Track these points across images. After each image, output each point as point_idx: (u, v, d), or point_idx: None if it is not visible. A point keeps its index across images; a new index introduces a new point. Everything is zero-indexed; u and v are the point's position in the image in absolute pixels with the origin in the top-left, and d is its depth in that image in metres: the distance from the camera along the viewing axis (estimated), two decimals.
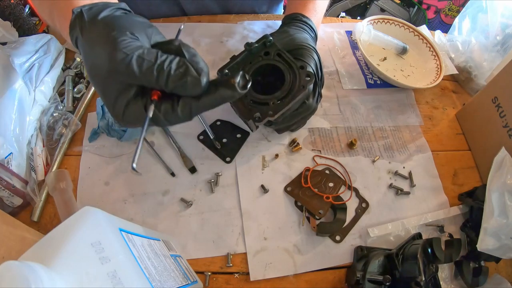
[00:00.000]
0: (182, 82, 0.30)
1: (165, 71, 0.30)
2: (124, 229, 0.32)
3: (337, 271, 0.48)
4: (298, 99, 0.44)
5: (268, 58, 0.47)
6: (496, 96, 0.54)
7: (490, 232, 0.44)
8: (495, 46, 0.64)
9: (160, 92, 0.32)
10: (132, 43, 0.31)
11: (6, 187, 0.46)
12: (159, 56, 0.30)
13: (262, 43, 0.47)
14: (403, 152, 0.59)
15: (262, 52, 0.47)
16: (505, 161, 0.47)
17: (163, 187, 0.52)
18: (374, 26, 0.69)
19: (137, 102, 0.32)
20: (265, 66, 0.47)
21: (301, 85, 0.44)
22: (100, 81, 0.32)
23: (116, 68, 0.30)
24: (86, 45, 0.32)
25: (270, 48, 0.47)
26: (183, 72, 0.30)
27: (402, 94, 0.66)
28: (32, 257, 0.24)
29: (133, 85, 0.32)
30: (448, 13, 1.60)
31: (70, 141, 0.56)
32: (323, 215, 0.49)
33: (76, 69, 0.64)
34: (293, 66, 0.45)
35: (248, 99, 0.45)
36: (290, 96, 0.44)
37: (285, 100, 0.44)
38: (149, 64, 0.30)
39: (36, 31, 0.76)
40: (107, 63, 0.30)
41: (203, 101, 0.32)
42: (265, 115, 0.43)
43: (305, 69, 0.44)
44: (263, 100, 0.44)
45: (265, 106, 0.44)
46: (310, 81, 0.44)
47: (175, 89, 0.31)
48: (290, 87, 0.44)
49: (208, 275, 0.46)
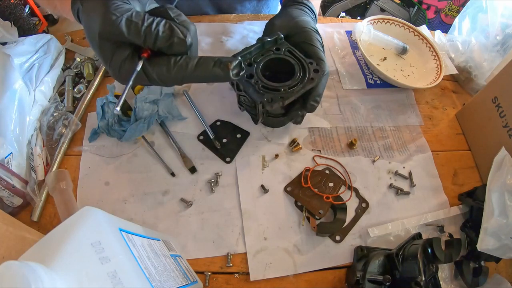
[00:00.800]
0: (169, 43, 0.34)
1: (153, 33, 0.33)
2: (124, 229, 0.32)
3: (337, 271, 0.48)
4: (307, 89, 0.47)
5: (279, 53, 0.50)
6: (496, 96, 0.54)
7: (490, 232, 0.44)
8: (495, 46, 0.64)
9: (150, 51, 0.35)
10: (123, 6, 0.34)
11: (6, 187, 0.46)
12: (146, 19, 0.33)
13: (274, 39, 0.50)
14: (403, 152, 0.59)
15: (273, 47, 0.50)
16: (505, 161, 0.47)
17: (163, 187, 0.52)
18: (374, 26, 0.69)
19: (132, 60, 0.35)
20: (276, 60, 0.50)
21: (311, 77, 0.47)
22: (96, 43, 0.35)
23: (108, 29, 0.33)
24: (85, 14, 0.36)
25: (281, 45, 0.51)
26: (170, 34, 0.34)
27: (402, 94, 0.66)
28: (32, 257, 0.24)
29: (127, 44, 0.35)
30: (448, 13, 1.60)
31: (70, 141, 0.56)
32: (323, 215, 0.49)
33: (76, 69, 0.64)
34: (303, 62, 0.49)
35: (260, 85, 0.47)
36: (300, 86, 0.47)
37: (295, 88, 0.47)
38: (137, 26, 0.33)
39: (36, 31, 0.76)
40: (100, 24, 0.33)
41: (197, 72, 0.35)
42: (276, 99, 0.46)
43: (313, 65, 0.48)
44: (275, 87, 0.47)
45: (277, 92, 0.47)
46: (318, 76, 0.47)
47: (163, 49, 0.34)
48: (300, 78, 0.48)
49: (208, 275, 0.46)
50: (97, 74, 0.62)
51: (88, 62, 0.64)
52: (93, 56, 0.66)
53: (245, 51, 0.49)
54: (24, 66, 0.56)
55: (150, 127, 0.54)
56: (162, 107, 0.55)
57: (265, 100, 0.46)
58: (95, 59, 0.65)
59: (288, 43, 0.51)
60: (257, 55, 0.50)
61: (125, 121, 0.55)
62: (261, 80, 0.47)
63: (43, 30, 1.60)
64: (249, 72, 0.48)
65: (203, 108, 0.59)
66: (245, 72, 0.37)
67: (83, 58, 0.65)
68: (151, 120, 0.54)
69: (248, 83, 0.48)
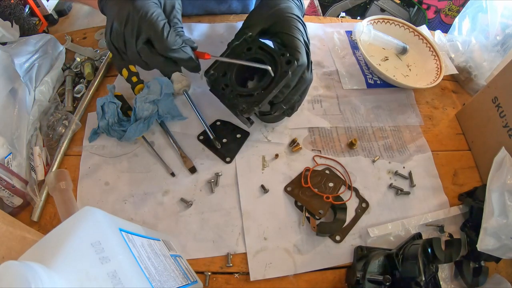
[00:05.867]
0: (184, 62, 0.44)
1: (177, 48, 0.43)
2: (124, 229, 0.32)
3: (337, 271, 0.48)
4: (281, 84, 0.44)
5: (251, 53, 0.47)
6: (496, 96, 0.54)
7: (490, 232, 0.44)
8: (495, 46, 0.64)
9: None
10: None
11: (6, 187, 0.46)
12: None
13: (243, 40, 0.48)
14: (403, 152, 0.59)
15: (244, 48, 0.48)
16: (505, 161, 0.47)
17: (163, 187, 0.52)
18: (374, 26, 0.69)
19: None
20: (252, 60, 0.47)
21: (283, 71, 0.44)
22: None
23: None
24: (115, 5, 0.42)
25: (252, 43, 0.48)
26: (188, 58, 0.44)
27: (402, 94, 0.66)
28: (32, 257, 0.24)
29: None
30: (448, 13, 1.60)
31: (70, 141, 0.56)
32: (323, 215, 0.49)
33: (76, 69, 0.64)
34: (275, 56, 0.45)
35: (234, 94, 0.45)
36: (273, 83, 0.44)
37: (269, 88, 0.44)
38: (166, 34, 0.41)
39: (36, 31, 0.76)
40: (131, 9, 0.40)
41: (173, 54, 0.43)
42: (251, 106, 0.44)
43: (285, 56, 0.45)
44: (247, 92, 0.45)
45: (250, 98, 0.44)
46: (291, 66, 0.44)
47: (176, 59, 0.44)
48: (274, 75, 0.45)
49: (208, 275, 0.46)
50: (97, 74, 0.62)
51: (88, 62, 0.64)
52: (93, 56, 0.66)
53: (217, 62, 0.48)
54: (24, 66, 0.56)
55: (150, 127, 0.54)
56: (162, 107, 0.55)
57: (240, 110, 0.44)
58: (95, 59, 0.65)
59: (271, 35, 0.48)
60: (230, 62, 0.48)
61: (125, 121, 0.55)
62: (234, 89, 0.46)
63: (43, 30, 1.60)
64: (224, 82, 0.47)
65: (203, 108, 0.59)
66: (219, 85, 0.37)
67: (83, 58, 0.65)
68: (151, 120, 0.54)
69: (223, 94, 0.46)
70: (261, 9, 0.52)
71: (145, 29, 0.41)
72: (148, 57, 0.43)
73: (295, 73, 0.45)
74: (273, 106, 0.49)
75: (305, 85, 0.49)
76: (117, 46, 0.43)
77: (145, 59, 0.43)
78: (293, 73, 0.45)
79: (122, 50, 0.44)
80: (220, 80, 0.47)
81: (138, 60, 0.44)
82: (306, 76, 0.48)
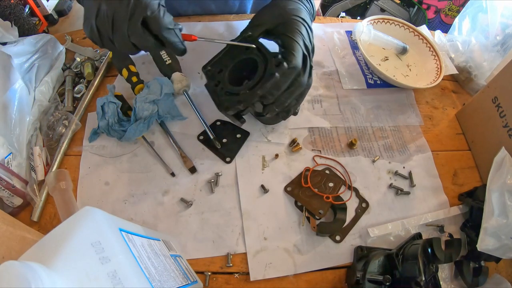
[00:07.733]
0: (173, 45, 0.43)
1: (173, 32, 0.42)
2: (124, 229, 0.32)
3: (337, 271, 0.48)
4: (266, 86, 0.43)
5: (248, 53, 0.47)
6: (496, 96, 0.54)
7: (490, 232, 0.44)
8: (495, 46, 0.64)
9: None
10: None
11: (6, 187, 0.46)
12: None
13: (242, 39, 0.48)
14: (403, 152, 0.59)
15: (243, 48, 0.48)
16: (505, 161, 0.47)
17: (163, 187, 0.52)
18: (374, 26, 0.69)
19: None
20: (244, 61, 0.47)
21: (270, 72, 0.43)
22: None
23: None
24: None
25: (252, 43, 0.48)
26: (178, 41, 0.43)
27: (402, 94, 0.66)
28: (32, 257, 0.24)
29: None
30: (448, 13, 1.60)
31: (70, 141, 0.56)
32: (323, 215, 0.49)
33: (76, 69, 0.64)
34: (267, 57, 0.45)
35: (223, 92, 0.45)
36: (259, 85, 0.43)
37: (255, 88, 0.43)
38: None
39: (36, 31, 0.76)
40: None
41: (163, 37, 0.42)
42: (233, 105, 0.44)
43: (276, 58, 0.44)
44: (234, 91, 0.45)
45: (236, 96, 0.44)
46: (280, 69, 0.43)
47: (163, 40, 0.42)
48: (262, 76, 0.44)
49: (208, 275, 0.46)
50: (97, 74, 0.62)
51: (88, 62, 0.64)
52: (93, 56, 0.66)
53: (215, 58, 0.48)
54: (24, 66, 0.56)
55: (150, 127, 0.54)
56: (162, 107, 0.55)
57: (224, 108, 0.44)
58: (95, 59, 0.65)
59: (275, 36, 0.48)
60: (227, 60, 0.48)
61: (125, 121, 0.55)
62: (225, 86, 0.45)
63: (43, 30, 1.60)
64: (217, 79, 0.47)
65: (203, 108, 0.59)
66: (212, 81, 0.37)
67: (83, 58, 0.65)
68: (151, 120, 0.54)
69: (215, 91, 0.46)
70: (269, 9, 0.51)
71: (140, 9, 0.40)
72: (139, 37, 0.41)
73: (285, 75, 0.44)
74: (264, 108, 0.47)
75: (300, 89, 0.47)
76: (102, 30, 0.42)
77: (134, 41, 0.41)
78: (283, 75, 0.44)
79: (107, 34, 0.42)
80: (216, 76, 0.47)
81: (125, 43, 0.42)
82: (301, 80, 0.46)
